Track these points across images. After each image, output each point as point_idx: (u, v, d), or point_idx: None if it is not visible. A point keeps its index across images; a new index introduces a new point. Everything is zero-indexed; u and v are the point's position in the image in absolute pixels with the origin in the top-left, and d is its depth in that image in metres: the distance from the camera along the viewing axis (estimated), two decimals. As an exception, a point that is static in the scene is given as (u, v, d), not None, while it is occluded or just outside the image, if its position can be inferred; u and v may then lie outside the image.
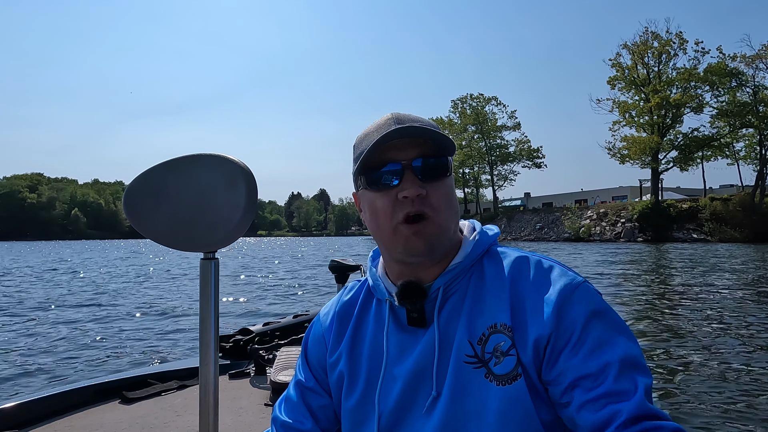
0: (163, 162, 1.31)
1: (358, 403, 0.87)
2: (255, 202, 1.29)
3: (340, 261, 2.55)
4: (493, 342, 0.77)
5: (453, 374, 0.77)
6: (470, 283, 0.82)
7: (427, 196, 0.78)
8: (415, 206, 0.78)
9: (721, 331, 6.78)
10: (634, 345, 0.74)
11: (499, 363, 0.75)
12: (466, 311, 0.80)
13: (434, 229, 0.79)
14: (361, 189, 0.85)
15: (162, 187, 1.27)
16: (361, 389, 0.87)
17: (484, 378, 0.76)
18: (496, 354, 0.76)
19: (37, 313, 9.28)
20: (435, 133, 0.79)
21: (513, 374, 0.75)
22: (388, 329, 0.85)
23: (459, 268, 0.82)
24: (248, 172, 1.26)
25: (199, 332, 1.26)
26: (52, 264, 24.82)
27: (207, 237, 1.23)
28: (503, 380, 0.75)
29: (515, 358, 0.75)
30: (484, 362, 0.76)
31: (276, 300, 10.90)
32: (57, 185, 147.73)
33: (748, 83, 43.87)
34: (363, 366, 0.88)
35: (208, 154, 1.27)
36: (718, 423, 3.73)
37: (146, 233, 1.29)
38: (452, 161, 0.85)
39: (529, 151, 62.00)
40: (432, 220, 0.78)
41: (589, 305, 0.75)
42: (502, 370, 0.75)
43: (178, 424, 1.73)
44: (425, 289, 0.82)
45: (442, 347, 0.79)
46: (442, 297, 0.82)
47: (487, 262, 0.84)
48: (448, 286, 0.82)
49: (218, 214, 1.23)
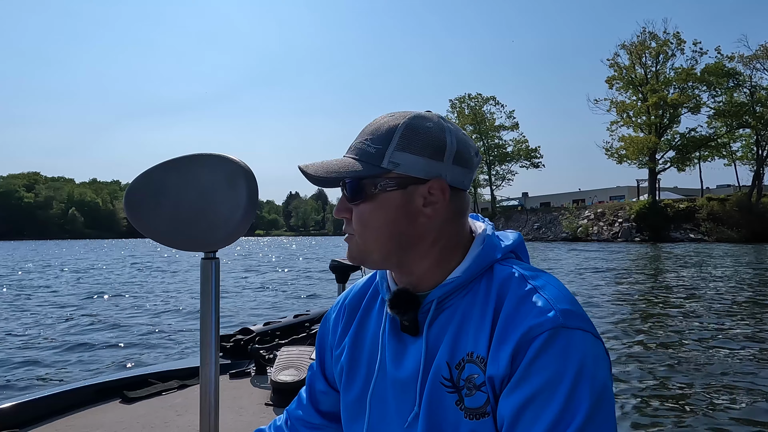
0: (164, 162, 1.31)
1: (355, 399, 0.87)
2: (256, 202, 1.29)
3: (341, 261, 2.55)
4: (468, 371, 0.73)
5: (429, 393, 0.75)
6: (464, 300, 0.78)
7: (352, 217, 0.81)
8: (344, 226, 0.83)
9: (718, 330, 6.81)
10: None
11: (470, 395, 0.72)
12: (452, 330, 0.76)
13: (354, 246, 0.82)
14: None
15: (162, 187, 1.27)
16: (359, 386, 0.87)
17: (455, 405, 0.74)
18: (468, 385, 0.73)
19: (37, 313, 9.26)
20: (317, 178, 0.79)
21: (482, 410, 0.71)
22: (384, 331, 0.85)
23: (455, 283, 0.78)
24: (249, 172, 1.26)
25: (200, 332, 1.26)
26: (50, 264, 24.75)
27: (207, 237, 1.23)
28: (472, 414, 0.72)
29: (486, 395, 0.71)
30: (457, 389, 0.74)
31: (276, 300, 10.90)
32: (54, 184, 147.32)
33: (745, 83, 44.05)
34: (363, 363, 0.87)
35: (208, 153, 1.27)
36: (717, 422, 3.75)
37: (147, 233, 1.29)
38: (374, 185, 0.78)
39: (527, 151, 62.05)
40: (353, 239, 0.81)
41: (548, 360, 0.67)
42: (472, 403, 0.72)
43: (179, 423, 1.73)
44: (419, 298, 0.80)
45: (426, 364, 0.77)
46: (435, 310, 0.78)
47: (487, 278, 0.78)
48: (443, 300, 0.79)
49: (219, 213, 1.23)
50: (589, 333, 0.71)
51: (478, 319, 0.74)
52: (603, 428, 0.65)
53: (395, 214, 0.77)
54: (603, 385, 0.67)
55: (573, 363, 0.66)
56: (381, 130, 0.78)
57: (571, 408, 0.64)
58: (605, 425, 0.65)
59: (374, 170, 0.77)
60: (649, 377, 4.84)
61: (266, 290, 12.77)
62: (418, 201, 0.77)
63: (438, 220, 0.78)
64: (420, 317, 0.79)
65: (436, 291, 0.78)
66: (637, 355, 5.67)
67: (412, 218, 0.77)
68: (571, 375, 0.66)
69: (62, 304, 10.33)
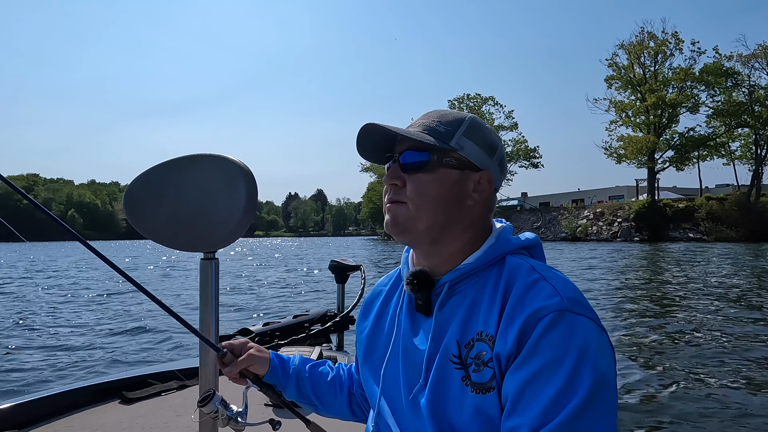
0: (163, 162, 1.31)
1: (373, 369, 0.96)
2: (255, 203, 1.29)
3: (340, 261, 2.55)
4: (477, 349, 0.78)
5: (437, 369, 0.81)
6: (475, 286, 0.84)
7: (404, 186, 0.85)
8: (388, 194, 0.87)
9: (715, 329, 6.82)
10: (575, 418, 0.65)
11: (478, 371, 0.77)
12: (462, 313, 0.82)
13: (400, 209, 0.85)
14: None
15: (162, 187, 1.27)
16: (377, 359, 0.95)
17: (461, 381, 0.79)
18: (477, 362, 0.78)
19: (37, 313, 9.24)
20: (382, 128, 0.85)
21: (488, 386, 0.76)
22: (401, 310, 0.92)
23: (468, 269, 0.84)
24: (248, 173, 1.26)
25: (200, 331, 1.26)
26: (50, 265, 24.71)
27: (207, 237, 1.24)
28: (478, 389, 0.77)
29: (493, 371, 0.76)
30: (464, 366, 0.79)
31: (276, 300, 10.89)
32: (53, 186, 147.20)
33: (743, 83, 44.05)
34: (382, 339, 0.96)
35: (208, 154, 1.27)
36: (714, 421, 3.75)
37: (146, 233, 1.29)
38: (439, 159, 0.84)
39: (526, 151, 62.08)
40: (398, 202, 0.86)
41: (553, 339, 0.70)
42: (479, 378, 0.77)
43: (178, 424, 1.73)
44: (433, 280, 0.86)
45: (435, 341, 0.83)
46: (447, 292, 0.85)
47: (498, 268, 0.84)
48: (455, 283, 0.85)
49: (218, 214, 1.24)
50: (593, 321, 0.74)
51: (488, 301, 0.80)
52: (602, 414, 0.67)
53: (449, 190, 0.84)
54: (605, 373, 0.69)
55: (576, 344, 0.70)
56: (449, 117, 0.87)
57: (572, 387, 0.67)
58: (605, 412, 0.67)
59: (443, 145, 0.84)
60: (646, 375, 4.85)
61: (266, 290, 12.76)
62: (469, 185, 0.85)
63: (479, 208, 0.87)
64: (433, 298, 0.86)
65: (450, 275, 0.85)
66: (634, 355, 5.68)
67: (461, 199, 0.85)
68: (573, 355, 0.69)
69: (62, 305, 10.32)
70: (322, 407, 1.14)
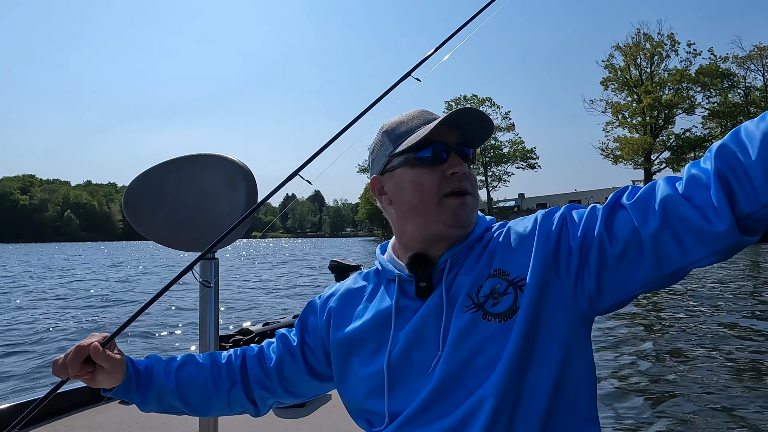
0: (163, 162, 1.31)
1: (373, 372, 0.90)
2: (255, 203, 1.29)
3: (340, 261, 2.57)
4: (488, 286, 0.83)
5: (454, 328, 0.82)
6: (472, 254, 0.89)
7: (468, 175, 0.89)
8: (462, 182, 0.88)
9: (711, 328, 6.84)
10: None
11: (497, 303, 0.81)
12: (467, 275, 0.86)
13: (474, 203, 0.90)
14: (401, 168, 0.90)
15: (162, 188, 1.28)
16: (366, 356, 0.91)
17: (482, 319, 0.81)
18: (493, 296, 0.82)
19: (37, 313, 9.21)
20: (487, 121, 0.89)
21: (512, 309, 0.80)
22: (396, 301, 0.90)
23: (465, 243, 0.89)
24: (248, 173, 1.26)
25: (199, 332, 1.26)
26: (51, 266, 24.64)
27: (207, 237, 1.24)
28: (501, 317, 0.80)
29: (512, 295, 0.80)
30: (479, 305, 0.82)
31: (275, 300, 10.88)
32: (49, 187, 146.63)
33: (739, 84, 44.28)
34: (370, 336, 0.92)
35: (208, 154, 1.28)
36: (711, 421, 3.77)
37: (146, 233, 1.29)
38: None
39: (523, 152, 62.22)
40: (473, 195, 0.89)
41: (559, 209, 0.85)
42: (500, 308, 0.80)
43: (178, 424, 1.74)
44: (434, 261, 0.89)
45: (449, 308, 0.84)
46: (450, 268, 0.88)
47: (488, 236, 0.91)
48: (456, 259, 0.89)
49: (218, 214, 1.24)
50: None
51: (489, 253, 0.87)
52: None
53: None
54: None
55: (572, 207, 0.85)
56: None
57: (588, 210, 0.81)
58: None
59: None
60: (644, 373, 4.87)
61: (266, 290, 12.74)
62: None
63: None
64: (434, 278, 0.88)
65: (449, 252, 0.89)
66: (633, 354, 5.70)
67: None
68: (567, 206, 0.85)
69: (61, 305, 10.28)
70: (191, 413, 1.04)
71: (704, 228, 0.66)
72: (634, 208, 0.73)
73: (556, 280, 0.79)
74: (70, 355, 0.91)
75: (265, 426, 1.80)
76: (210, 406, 1.03)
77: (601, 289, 0.78)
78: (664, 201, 0.70)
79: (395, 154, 0.91)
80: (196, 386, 1.01)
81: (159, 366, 1.01)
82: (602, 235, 0.76)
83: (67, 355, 0.92)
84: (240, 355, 1.07)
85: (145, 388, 0.98)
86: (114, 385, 0.96)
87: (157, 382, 0.99)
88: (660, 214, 0.70)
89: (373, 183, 0.96)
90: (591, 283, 0.78)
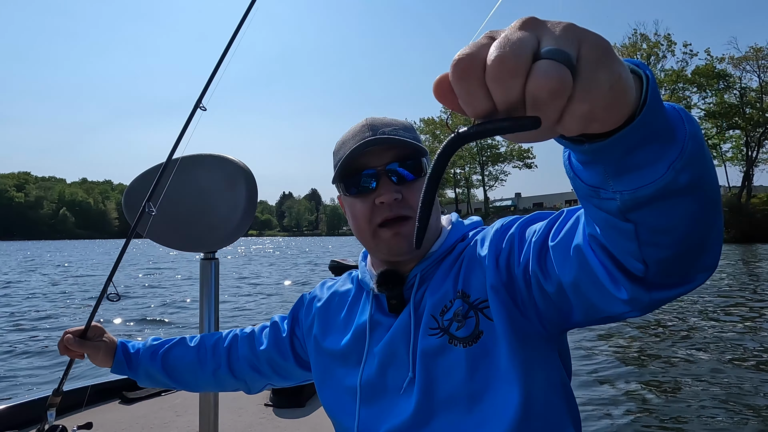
0: (163, 162, 1.31)
1: (344, 380, 0.92)
2: (255, 203, 1.29)
3: (340, 261, 2.57)
4: (453, 309, 0.81)
5: (421, 350, 0.81)
6: (440, 269, 0.86)
7: (404, 198, 0.83)
8: (393, 210, 0.82)
9: (707, 327, 6.88)
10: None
11: (461, 326, 0.79)
12: (433, 292, 0.84)
13: (413, 228, 0.82)
14: (342, 194, 0.90)
15: (161, 188, 1.27)
16: (347, 369, 0.92)
17: (449, 344, 0.79)
18: (456, 319, 0.80)
19: (36, 313, 9.17)
20: (403, 141, 0.82)
21: (475, 333, 0.78)
22: (371, 316, 0.90)
23: (434, 257, 0.87)
24: (248, 173, 1.26)
25: (199, 332, 1.26)
26: (48, 264, 24.53)
27: (207, 237, 1.24)
28: (466, 341, 0.78)
29: (474, 319, 0.79)
30: (444, 330, 0.80)
31: (275, 300, 10.87)
32: (45, 184, 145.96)
33: (735, 85, 44.44)
34: (350, 349, 0.92)
35: (208, 154, 1.27)
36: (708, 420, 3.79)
37: (146, 233, 1.29)
38: (428, 160, 0.87)
39: (519, 152, 62.29)
40: (412, 219, 0.82)
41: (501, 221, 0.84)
42: (465, 332, 0.79)
43: (178, 424, 1.74)
44: (403, 276, 0.87)
45: (416, 327, 0.83)
46: (419, 283, 0.86)
47: (460, 247, 0.88)
48: (425, 273, 0.87)
49: (218, 214, 1.24)
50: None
51: (454, 269, 0.85)
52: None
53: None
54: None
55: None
56: (408, 126, 0.89)
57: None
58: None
59: (427, 154, 0.86)
60: (641, 372, 4.89)
61: (265, 290, 12.73)
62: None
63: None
64: (406, 294, 0.87)
65: (419, 267, 0.87)
66: (631, 353, 5.72)
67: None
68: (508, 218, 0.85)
69: (60, 305, 10.24)
70: (184, 388, 1.16)
71: (612, 291, 0.59)
72: (556, 252, 0.66)
73: (510, 303, 0.77)
74: (59, 348, 1.16)
75: (265, 426, 1.80)
76: (198, 384, 1.13)
77: (550, 320, 0.76)
78: (577, 250, 0.61)
79: (334, 180, 0.89)
80: (182, 367, 1.12)
81: (147, 350, 1.14)
82: (537, 273, 0.71)
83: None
84: (229, 337, 1.14)
85: (135, 368, 1.14)
86: (107, 366, 1.14)
87: (144, 364, 1.13)
88: (576, 265, 0.62)
89: (340, 202, 0.95)
90: (539, 312, 0.76)
